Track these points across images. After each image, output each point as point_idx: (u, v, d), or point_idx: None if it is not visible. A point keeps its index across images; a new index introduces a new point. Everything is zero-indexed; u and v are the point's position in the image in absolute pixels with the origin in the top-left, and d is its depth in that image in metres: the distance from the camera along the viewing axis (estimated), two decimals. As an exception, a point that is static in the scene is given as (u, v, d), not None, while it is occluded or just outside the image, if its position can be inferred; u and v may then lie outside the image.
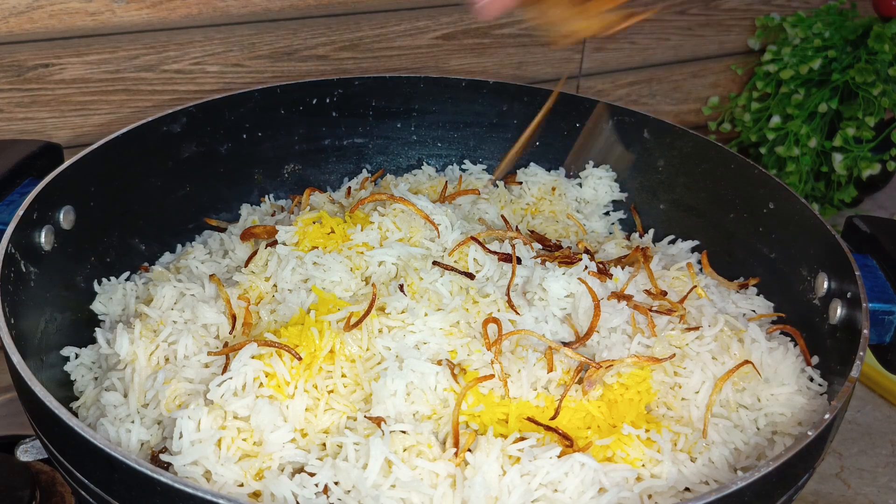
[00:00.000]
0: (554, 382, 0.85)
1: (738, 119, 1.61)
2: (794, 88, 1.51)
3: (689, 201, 1.15)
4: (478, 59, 1.41)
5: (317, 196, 1.15)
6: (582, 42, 1.49)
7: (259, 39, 1.23)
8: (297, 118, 1.17)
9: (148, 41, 1.16)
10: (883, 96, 1.44)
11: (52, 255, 0.88)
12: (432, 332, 0.86)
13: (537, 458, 0.76)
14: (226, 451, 0.75)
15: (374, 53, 1.32)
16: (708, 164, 1.12)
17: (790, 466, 0.68)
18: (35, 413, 0.71)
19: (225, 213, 1.15)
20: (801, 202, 0.99)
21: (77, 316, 0.93)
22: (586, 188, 1.21)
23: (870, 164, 1.47)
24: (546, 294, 0.94)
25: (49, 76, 1.12)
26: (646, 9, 0.83)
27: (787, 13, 1.62)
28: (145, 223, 1.05)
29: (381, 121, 1.23)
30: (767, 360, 0.89)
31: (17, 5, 1.07)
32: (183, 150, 1.08)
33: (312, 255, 0.94)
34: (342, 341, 0.84)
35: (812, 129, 1.50)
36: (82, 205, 0.93)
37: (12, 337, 0.74)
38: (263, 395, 0.78)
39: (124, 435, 0.80)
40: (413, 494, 0.72)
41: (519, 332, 0.87)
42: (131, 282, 1.00)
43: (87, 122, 1.17)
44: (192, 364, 0.85)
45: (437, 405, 0.81)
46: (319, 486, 0.73)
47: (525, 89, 1.24)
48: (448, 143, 1.27)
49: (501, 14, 0.78)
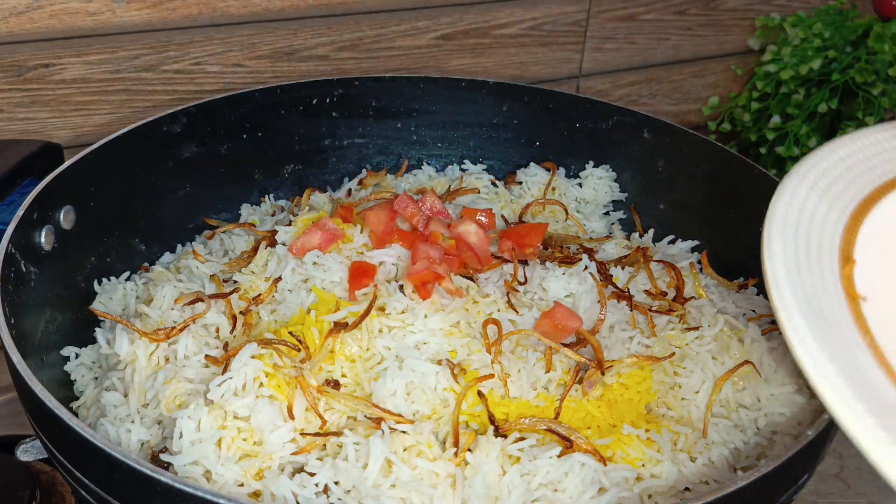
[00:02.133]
0: (554, 382, 0.85)
1: (738, 119, 1.61)
2: (793, 88, 1.51)
3: (689, 201, 1.15)
4: (478, 59, 1.42)
5: (317, 196, 1.15)
6: (582, 41, 1.49)
7: (259, 39, 1.23)
8: (297, 118, 1.17)
9: (148, 41, 1.16)
10: (883, 96, 1.44)
11: (52, 255, 0.88)
12: (432, 332, 0.86)
13: (537, 458, 0.76)
14: (226, 451, 0.75)
15: (374, 53, 1.32)
16: (708, 164, 1.12)
17: (790, 466, 0.68)
18: (35, 413, 0.71)
19: (225, 213, 1.15)
20: (801, 202, 0.99)
21: (77, 316, 0.93)
22: (586, 188, 1.21)
23: (870, 164, 1.47)
24: (546, 294, 0.95)
25: (49, 76, 1.12)
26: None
27: (787, 13, 1.62)
28: (145, 223, 1.06)
29: (381, 121, 1.23)
30: (767, 360, 0.88)
31: (17, 5, 1.07)
32: (183, 150, 1.08)
33: (312, 255, 0.94)
34: (342, 341, 0.84)
35: (812, 129, 1.50)
36: (82, 205, 0.93)
37: (12, 337, 0.74)
38: (263, 394, 0.78)
39: (124, 435, 0.80)
40: (413, 494, 0.72)
41: (519, 332, 0.87)
42: (131, 282, 1.00)
43: (87, 122, 1.17)
44: (192, 364, 0.85)
45: (437, 405, 0.81)
46: (319, 486, 0.73)
47: (525, 89, 1.24)
48: (448, 143, 1.27)
49: None
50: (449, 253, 0.93)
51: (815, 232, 0.64)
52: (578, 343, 0.88)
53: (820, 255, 0.62)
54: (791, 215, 0.64)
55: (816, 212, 0.65)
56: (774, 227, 0.63)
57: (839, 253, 0.63)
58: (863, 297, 0.60)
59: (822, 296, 0.59)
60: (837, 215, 0.65)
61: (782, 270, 0.60)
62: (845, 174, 0.69)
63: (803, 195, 0.66)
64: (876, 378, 0.56)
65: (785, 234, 0.62)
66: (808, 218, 0.64)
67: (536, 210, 1.16)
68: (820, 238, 0.63)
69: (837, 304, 0.59)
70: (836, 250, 0.63)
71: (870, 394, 0.54)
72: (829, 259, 0.62)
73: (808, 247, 0.62)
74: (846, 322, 0.58)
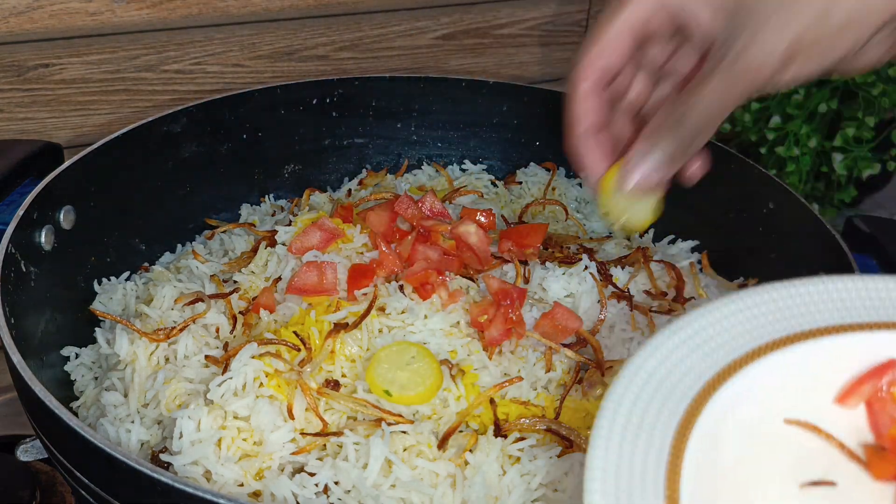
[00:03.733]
0: (554, 382, 0.85)
1: (738, 119, 1.61)
2: (793, 88, 1.51)
3: (689, 201, 1.14)
4: (478, 59, 1.41)
5: (317, 196, 1.15)
6: (582, 41, 1.49)
7: (259, 39, 1.23)
8: (296, 118, 1.17)
9: (148, 41, 1.16)
10: (883, 96, 1.44)
11: (52, 255, 0.88)
12: (432, 332, 0.86)
13: (537, 458, 0.76)
14: (226, 451, 0.75)
15: (374, 53, 1.32)
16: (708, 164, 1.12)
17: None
18: (35, 413, 0.71)
19: (225, 213, 1.15)
20: (801, 202, 0.99)
21: (77, 316, 0.93)
22: (586, 188, 1.21)
23: (870, 164, 1.47)
24: (546, 294, 0.94)
25: (49, 76, 1.12)
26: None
27: (787, 13, 1.62)
28: (145, 223, 1.06)
29: (381, 121, 1.23)
30: (767, 360, 0.88)
31: (17, 5, 1.07)
32: (183, 150, 1.08)
33: (311, 255, 0.94)
34: (342, 341, 0.84)
35: (812, 129, 1.50)
36: (82, 205, 0.93)
37: (12, 337, 0.74)
38: (263, 395, 0.78)
39: (124, 435, 0.80)
40: (413, 494, 0.72)
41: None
42: (131, 282, 1.00)
43: (87, 122, 1.17)
44: (192, 364, 0.85)
45: (437, 405, 0.81)
46: (319, 486, 0.73)
47: (525, 89, 1.24)
48: (448, 143, 1.27)
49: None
50: (449, 253, 0.93)
51: (637, 479, 0.57)
52: (578, 343, 0.88)
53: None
54: (609, 471, 0.58)
55: (634, 460, 0.58)
56: (594, 496, 0.56)
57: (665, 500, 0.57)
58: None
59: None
60: (655, 460, 0.59)
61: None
62: (655, 397, 0.62)
63: (618, 441, 0.59)
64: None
65: (605, 490, 0.56)
66: (628, 470, 0.58)
67: (536, 210, 1.16)
68: (643, 485, 0.57)
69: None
70: (661, 497, 0.57)
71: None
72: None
73: (630, 499, 0.56)
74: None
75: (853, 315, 0.69)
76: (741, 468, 0.62)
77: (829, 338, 0.67)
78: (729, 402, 0.63)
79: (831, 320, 0.69)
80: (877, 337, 0.68)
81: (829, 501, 0.62)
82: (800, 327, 0.68)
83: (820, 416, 0.66)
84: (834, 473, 0.63)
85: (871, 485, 0.63)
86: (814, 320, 0.69)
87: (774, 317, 0.68)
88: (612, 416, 0.61)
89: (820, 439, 0.65)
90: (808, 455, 0.64)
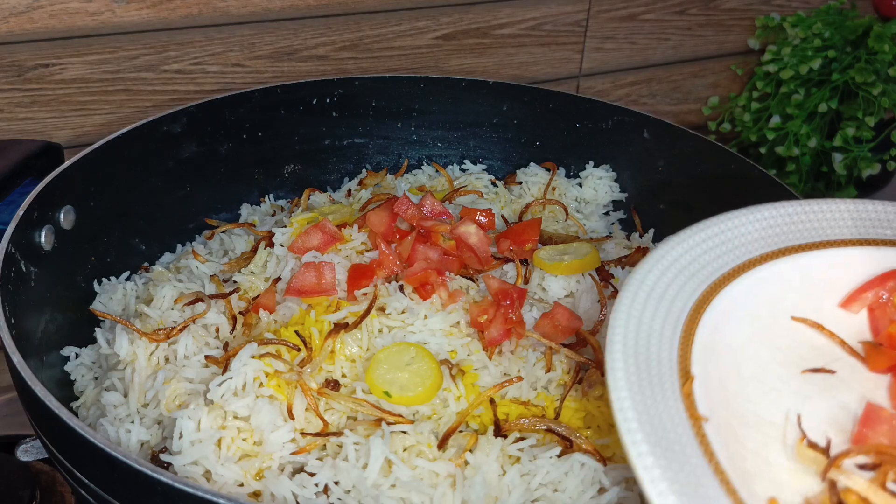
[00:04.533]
0: (554, 382, 0.85)
1: (738, 119, 1.61)
2: (793, 88, 1.51)
3: (689, 201, 1.15)
4: (478, 59, 1.42)
5: (317, 196, 1.15)
6: (582, 41, 1.49)
7: (259, 39, 1.23)
8: (297, 118, 1.17)
9: (148, 41, 1.16)
10: (883, 96, 1.44)
11: (52, 255, 0.88)
12: (432, 332, 0.86)
13: (537, 458, 0.76)
14: (226, 451, 0.75)
15: (374, 53, 1.32)
16: (708, 164, 1.12)
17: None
18: (35, 413, 0.71)
19: (225, 213, 1.15)
20: (801, 202, 0.99)
21: (77, 316, 0.93)
22: (586, 188, 1.21)
23: (870, 164, 1.47)
24: (546, 294, 0.94)
25: (49, 76, 1.12)
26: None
27: (787, 13, 1.62)
28: (145, 223, 1.06)
29: (381, 121, 1.23)
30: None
31: (17, 5, 1.07)
32: (183, 150, 1.08)
33: (310, 255, 0.94)
34: (342, 341, 0.84)
35: (812, 129, 1.50)
36: (82, 205, 0.93)
37: (12, 337, 0.74)
38: (263, 395, 0.78)
39: (124, 435, 0.80)
40: (413, 494, 0.72)
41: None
42: (131, 282, 1.00)
43: (87, 122, 1.17)
44: (192, 364, 0.85)
45: (437, 405, 0.81)
46: (319, 486, 0.73)
47: (525, 89, 1.24)
48: (448, 143, 1.27)
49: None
50: (449, 254, 0.93)
51: (654, 347, 0.63)
52: (578, 343, 0.88)
53: (661, 372, 0.62)
54: (630, 330, 0.64)
55: (653, 325, 0.65)
56: (615, 346, 0.62)
57: (678, 368, 0.63)
58: (704, 418, 0.60)
59: (667, 422, 0.59)
60: (672, 328, 0.66)
61: (628, 400, 0.59)
62: (676, 279, 0.70)
63: (640, 307, 0.66)
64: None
65: (626, 352, 0.62)
66: (647, 333, 0.64)
67: (536, 210, 1.16)
68: (659, 353, 0.63)
69: (683, 430, 0.59)
70: (675, 366, 0.63)
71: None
72: (671, 376, 0.62)
73: (648, 364, 0.62)
74: (692, 448, 0.58)
75: (862, 232, 0.77)
76: (749, 348, 0.70)
77: (839, 249, 0.76)
78: (742, 294, 0.71)
79: (842, 235, 0.77)
80: (883, 252, 0.76)
81: (828, 387, 0.69)
82: (811, 238, 0.76)
83: (824, 316, 0.74)
84: (834, 365, 0.71)
85: (868, 375, 0.71)
86: (825, 234, 0.77)
87: (790, 228, 0.77)
88: (637, 285, 0.68)
89: (823, 336, 0.73)
90: (810, 347, 0.72)
